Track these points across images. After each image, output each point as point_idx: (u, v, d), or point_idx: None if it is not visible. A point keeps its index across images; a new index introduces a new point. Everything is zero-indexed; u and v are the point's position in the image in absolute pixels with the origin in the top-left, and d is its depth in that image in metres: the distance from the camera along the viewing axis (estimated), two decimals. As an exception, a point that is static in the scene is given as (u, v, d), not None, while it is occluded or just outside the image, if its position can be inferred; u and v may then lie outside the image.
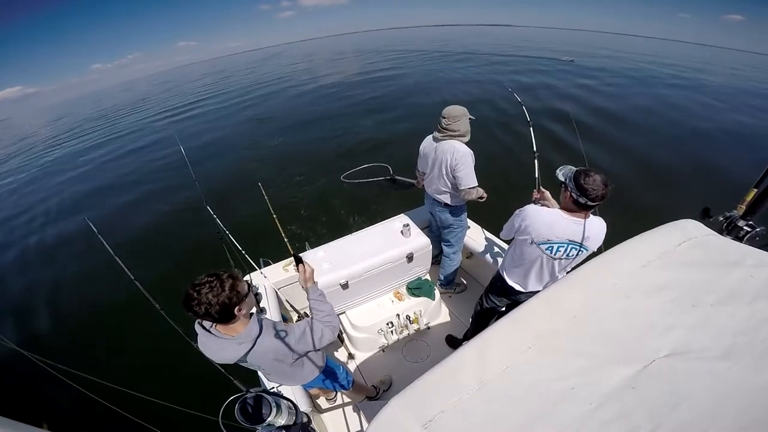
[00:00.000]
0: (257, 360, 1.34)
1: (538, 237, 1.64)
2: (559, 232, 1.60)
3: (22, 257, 6.35)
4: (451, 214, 2.55)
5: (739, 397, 0.66)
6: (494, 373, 0.78)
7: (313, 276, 1.52)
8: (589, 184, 1.46)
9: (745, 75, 25.26)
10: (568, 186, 1.54)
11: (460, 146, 2.24)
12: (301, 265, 1.51)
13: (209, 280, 1.16)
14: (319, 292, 1.51)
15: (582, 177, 1.48)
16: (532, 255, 1.72)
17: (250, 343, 1.26)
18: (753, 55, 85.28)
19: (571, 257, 1.66)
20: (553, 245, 1.63)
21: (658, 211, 5.06)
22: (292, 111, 13.82)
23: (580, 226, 1.57)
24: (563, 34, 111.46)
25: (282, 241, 2.67)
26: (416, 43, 49.41)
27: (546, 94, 12.60)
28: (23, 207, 8.82)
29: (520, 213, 1.73)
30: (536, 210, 1.67)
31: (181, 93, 30.22)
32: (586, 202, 1.49)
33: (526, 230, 1.68)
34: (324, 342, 1.42)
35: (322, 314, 1.45)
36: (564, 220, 1.59)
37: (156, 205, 7.26)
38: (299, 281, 1.52)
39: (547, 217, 1.63)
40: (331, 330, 1.44)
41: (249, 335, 1.26)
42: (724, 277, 0.90)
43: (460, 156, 2.22)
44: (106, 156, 12.13)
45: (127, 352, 3.81)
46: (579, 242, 1.59)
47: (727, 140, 8.42)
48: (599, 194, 1.47)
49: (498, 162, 6.91)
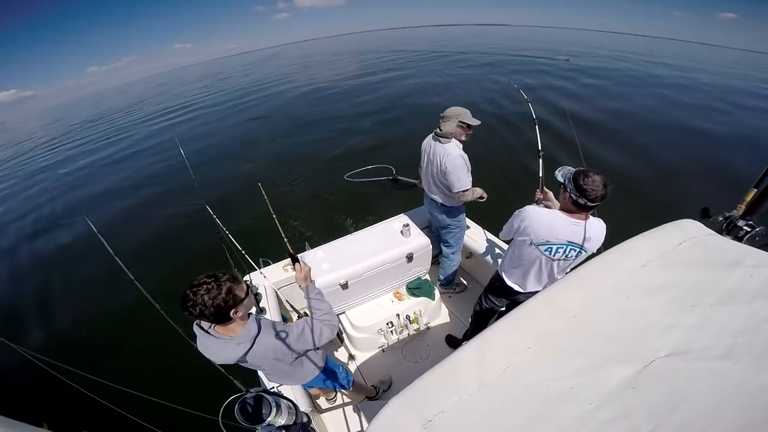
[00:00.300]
0: (257, 360, 1.34)
1: (537, 238, 1.64)
2: (559, 234, 1.59)
3: (22, 258, 6.35)
4: (448, 214, 2.54)
5: (739, 397, 0.66)
6: (494, 373, 0.78)
7: (309, 275, 1.51)
8: (588, 184, 1.45)
9: (742, 73, 25.29)
10: (567, 187, 1.53)
11: (452, 149, 2.22)
12: (297, 264, 1.50)
13: (206, 281, 1.16)
14: (317, 291, 1.51)
15: (581, 178, 1.47)
16: (531, 256, 1.72)
17: (248, 342, 1.26)
18: (746, 53, 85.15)
19: (570, 258, 1.66)
20: (552, 246, 1.63)
21: (657, 210, 5.06)
22: (290, 112, 13.81)
23: (580, 227, 1.56)
24: (559, 33, 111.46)
25: (282, 241, 2.67)
26: (414, 43, 49.42)
27: (543, 92, 12.61)
28: (22, 210, 8.81)
29: (519, 214, 1.72)
30: (536, 211, 1.66)
31: (178, 95, 30.16)
32: (585, 203, 1.48)
33: (525, 231, 1.67)
34: (323, 340, 1.42)
35: (320, 312, 1.45)
36: (563, 222, 1.58)
37: (156, 206, 7.26)
38: (296, 280, 1.51)
39: (546, 218, 1.62)
40: (330, 328, 1.43)
41: (247, 335, 1.26)
42: (724, 277, 0.90)
43: (449, 160, 2.21)
44: (104, 159, 12.09)
45: (127, 352, 3.81)
46: (579, 244, 1.59)
47: (727, 140, 8.42)
48: (599, 195, 1.46)
49: (498, 161, 6.91)
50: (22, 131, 34.08)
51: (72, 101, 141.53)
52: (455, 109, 2.23)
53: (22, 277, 5.72)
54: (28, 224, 7.79)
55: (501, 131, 8.53)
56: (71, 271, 5.45)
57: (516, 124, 8.79)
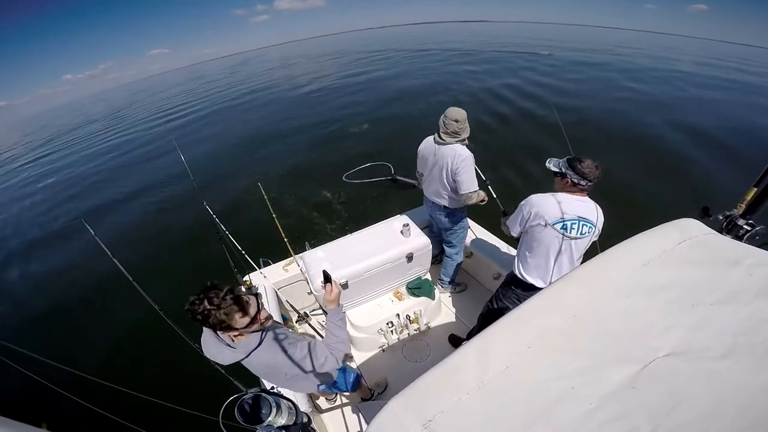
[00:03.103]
0: (251, 367, 1.35)
1: (551, 217, 1.70)
2: (569, 210, 1.68)
3: (21, 260, 6.35)
4: (452, 216, 2.54)
5: (739, 397, 0.66)
6: (494, 372, 0.78)
7: (339, 298, 1.43)
8: (585, 167, 1.66)
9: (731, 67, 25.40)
10: (566, 173, 1.69)
11: (462, 150, 2.22)
12: (329, 284, 1.41)
13: (209, 297, 1.14)
14: (340, 316, 1.44)
15: (578, 163, 1.68)
16: (547, 239, 1.74)
17: (243, 354, 1.27)
18: (719, 44, 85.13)
19: (585, 236, 1.72)
20: (567, 223, 1.69)
21: (657, 210, 5.06)
22: (286, 113, 13.83)
23: (585, 203, 1.71)
24: (536, 28, 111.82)
25: (282, 240, 2.67)
26: (396, 41, 50.08)
27: (530, 87, 12.71)
28: (19, 215, 8.81)
29: (526, 203, 1.79)
30: (541, 195, 1.76)
31: (166, 98, 30.25)
32: (586, 184, 1.68)
33: (537, 215, 1.73)
34: (325, 369, 1.39)
35: (335, 339, 1.40)
36: (570, 198, 1.70)
37: (156, 207, 7.27)
38: (323, 300, 1.45)
39: (553, 198, 1.72)
40: (336, 359, 1.40)
41: (246, 347, 1.27)
42: (724, 277, 0.90)
43: (461, 160, 2.20)
44: (101, 164, 12.07)
45: (127, 352, 3.81)
46: (589, 219, 1.69)
47: (726, 139, 8.41)
48: (595, 175, 1.68)
49: (498, 159, 6.91)
50: (4, 141, 33.64)
51: (50, 109, 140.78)
52: (462, 111, 2.21)
53: (22, 278, 5.72)
54: (25, 229, 7.78)
55: (499, 130, 8.53)
56: (71, 273, 5.46)
57: (514, 123, 8.79)
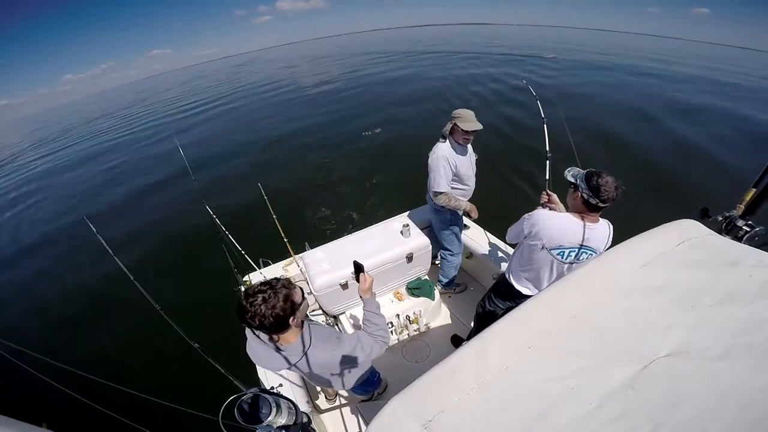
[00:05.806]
0: (303, 368, 1.34)
1: (549, 242, 1.61)
2: (571, 237, 1.57)
3: (20, 260, 6.35)
4: (436, 213, 2.56)
5: (739, 397, 0.66)
6: (494, 373, 0.78)
7: (372, 287, 1.48)
8: (602, 185, 1.46)
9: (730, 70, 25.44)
10: (579, 186, 1.52)
11: (439, 149, 2.26)
12: (362, 275, 1.47)
13: (261, 289, 1.14)
14: (376, 305, 1.49)
15: (594, 178, 1.48)
16: (542, 260, 1.69)
17: (298, 356, 1.27)
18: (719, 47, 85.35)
19: (581, 261, 1.64)
20: (565, 250, 1.61)
21: (657, 210, 5.06)
22: (287, 114, 13.84)
23: (592, 230, 1.56)
24: (540, 31, 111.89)
25: (282, 240, 2.67)
26: (395, 43, 50.05)
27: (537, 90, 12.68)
28: (22, 212, 8.81)
29: (530, 218, 1.68)
30: (547, 215, 1.64)
31: (167, 99, 30.21)
32: (597, 203, 1.49)
33: (537, 236, 1.64)
34: (372, 357, 1.41)
35: (375, 327, 1.44)
36: (575, 225, 1.57)
37: (156, 207, 7.27)
38: (359, 290, 1.49)
39: (558, 222, 1.60)
40: (381, 346, 1.42)
41: (299, 348, 1.26)
42: (723, 277, 0.90)
43: (432, 159, 2.26)
44: (102, 164, 12.08)
45: (127, 352, 3.80)
46: (591, 247, 1.58)
47: (725, 139, 8.41)
48: (611, 196, 1.47)
49: (498, 159, 6.91)
50: (5, 141, 33.61)
51: (50, 109, 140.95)
52: (457, 110, 2.23)
53: (22, 279, 5.72)
54: (26, 226, 7.79)
55: (500, 130, 8.53)
56: (72, 274, 5.45)
57: (514, 123, 8.79)
